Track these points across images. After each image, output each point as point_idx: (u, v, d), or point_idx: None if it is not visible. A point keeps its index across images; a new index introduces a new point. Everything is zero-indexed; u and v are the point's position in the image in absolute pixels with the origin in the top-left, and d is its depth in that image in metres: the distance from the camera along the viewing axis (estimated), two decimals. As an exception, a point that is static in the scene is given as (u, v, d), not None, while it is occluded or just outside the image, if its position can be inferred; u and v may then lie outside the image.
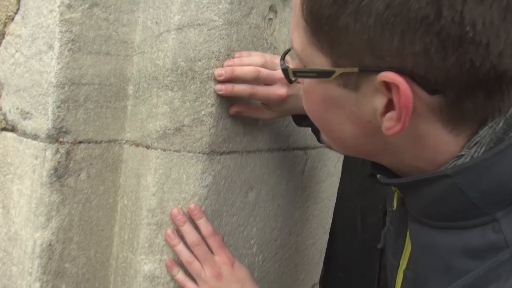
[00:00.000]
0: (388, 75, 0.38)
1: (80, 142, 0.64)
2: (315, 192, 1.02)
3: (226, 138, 0.72)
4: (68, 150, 0.63)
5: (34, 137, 0.62)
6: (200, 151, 0.68)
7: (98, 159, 0.67)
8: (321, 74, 0.42)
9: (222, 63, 0.67)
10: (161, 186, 0.68)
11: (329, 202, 1.10)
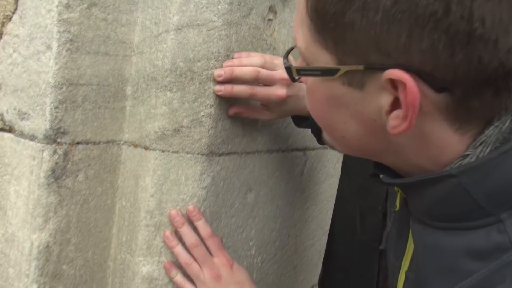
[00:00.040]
0: (394, 73, 0.37)
1: (78, 143, 0.64)
2: (314, 193, 1.02)
3: (225, 139, 0.71)
4: (66, 151, 0.62)
5: (32, 137, 0.62)
6: (199, 152, 0.68)
7: (96, 160, 0.67)
8: (325, 72, 0.42)
9: (221, 64, 0.67)
10: (159, 187, 0.67)
11: (328, 203, 1.10)
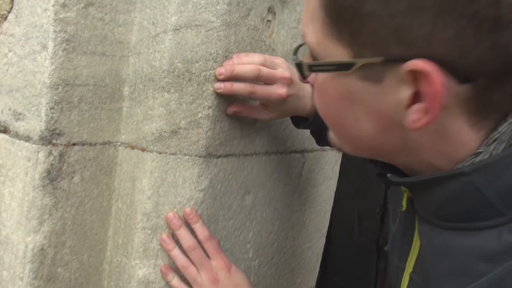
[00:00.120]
0: (417, 64, 0.36)
1: (74, 144, 0.63)
2: (312, 195, 1.02)
3: (223, 141, 0.71)
4: (61, 152, 0.61)
5: (27, 138, 0.61)
6: (196, 154, 0.67)
7: (92, 162, 0.66)
8: (340, 66, 0.40)
9: (220, 65, 0.66)
10: (156, 190, 0.67)
11: (326, 205, 1.09)
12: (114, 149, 0.69)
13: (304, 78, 0.46)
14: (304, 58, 0.48)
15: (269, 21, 0.76)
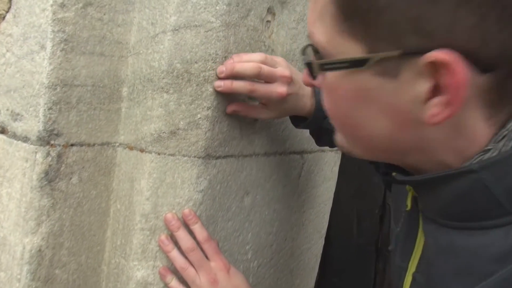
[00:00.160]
0: (438, 55, 0.34)
1: (72, 145, 0.63)
2: (311, 196, 1.01)
3: (222, 142, 0.70)
4: (59, 153, 0.61)
5: (25, 139, 0.61)
6: (195, 155, 0.67)
7: (91, 163, 0.65)
8: (354, 63, 0.38)
9: (219, 66, 0.66)
10: (155, 191, 0.66)
11: (325, 206, 1.09)
12: (112, 150, 0.68)
13: (313, 78, 0.45)
14: (311, 58, 0.46)
15: (268, 21, 0.76)
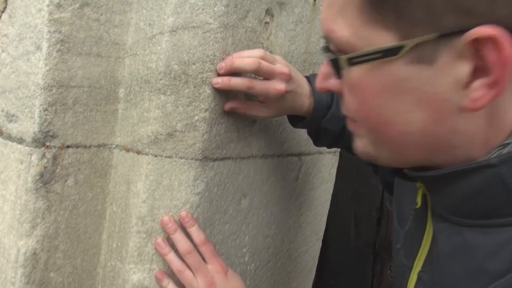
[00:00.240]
0: (482, 31, 0.33)
1: (68, 147, 0.62)
2: (309, 198, 1.01)
3: (219, 144, 0.70)
4: (55, 154, 0.60)
5: (20, 141, 0.60)
6: (192, 157, 0.66)
7: (87, 164, 0.65)
8: (387, 52, 0.36)
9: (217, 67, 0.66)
10: (151, 193, 0.66)
11: (322, 208, 1.09)
12: (109, 151, 0.68)
13: (339, 77, 0.42)
14: (323, 63, 0.44)
15: (267, 23, 0.75)
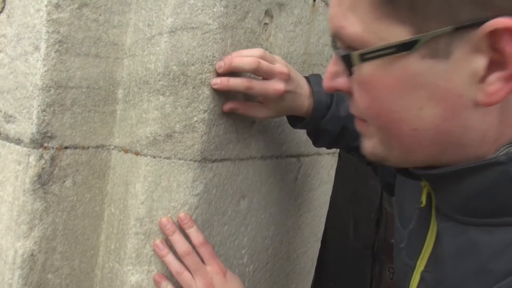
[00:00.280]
0: (501, 22, 0.32)
1: (66, 148, 0.62)
2: (308, 200, 1.01)
3: (218, 145, 0.70)
4: (53, 155, 0.60)
5: (18, 141, 0.60)
6: (191, 159, 0.66)
7: (85, 165, 0.65)
8: (401, 47, 0.36)
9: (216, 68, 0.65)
10: (150, 194, 0.65)
11: (321, 210, 1.09)
12: (107, 152, 0.68)
13: (350, 74, 0.42)
14: (330, 62, 0.44)
15: (266, 24, 0.75)
